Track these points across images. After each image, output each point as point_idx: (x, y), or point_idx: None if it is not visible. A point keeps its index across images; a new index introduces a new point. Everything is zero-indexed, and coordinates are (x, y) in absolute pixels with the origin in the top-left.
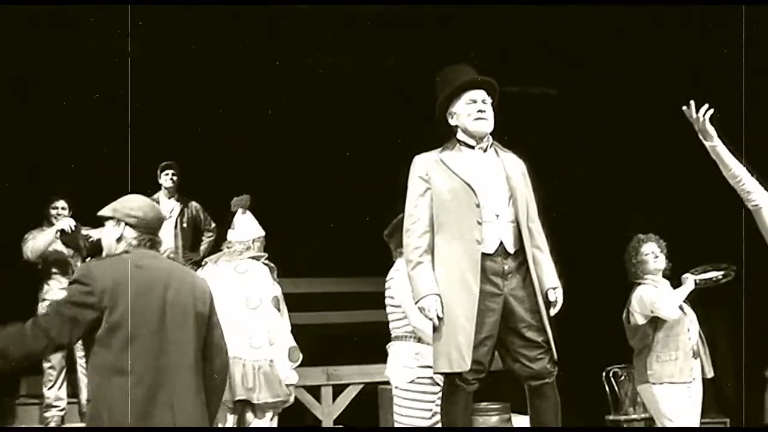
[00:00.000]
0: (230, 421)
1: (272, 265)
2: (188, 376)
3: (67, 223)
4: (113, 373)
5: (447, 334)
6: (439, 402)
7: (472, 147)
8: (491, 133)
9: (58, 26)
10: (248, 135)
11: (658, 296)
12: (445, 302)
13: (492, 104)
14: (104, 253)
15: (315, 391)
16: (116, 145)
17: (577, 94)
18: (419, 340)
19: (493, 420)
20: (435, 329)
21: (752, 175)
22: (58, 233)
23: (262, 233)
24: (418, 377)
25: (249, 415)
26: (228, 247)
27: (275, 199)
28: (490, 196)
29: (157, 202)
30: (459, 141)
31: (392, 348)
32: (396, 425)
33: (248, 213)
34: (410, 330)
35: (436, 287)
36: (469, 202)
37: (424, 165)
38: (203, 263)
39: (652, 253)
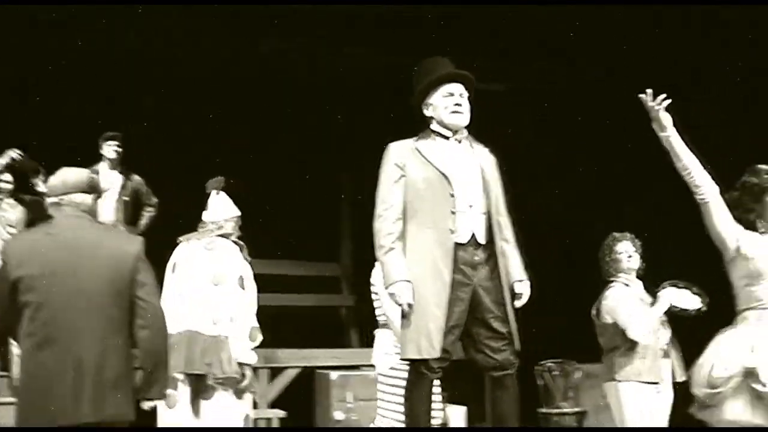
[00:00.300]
0: (186, 393)
1: (242, 243)
2: (100, 336)
3: (10, 154)
4: (25, 337)
5: (417, 321)
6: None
7: (447, 138)
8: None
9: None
10: (248, 134)
11: (632, 320)
12: (416, 289)
13: (468, 98)
14: None
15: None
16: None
17: (575, 94)
18: None
19: None
20: (404, 316)
21: (704, 168)
22: (5, 166)
23: (236, 213)
24: (397, 363)
25: (205, 391)
26: (202, 228)
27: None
28: (464, 186)
29: (97, 173)
30: (434, 132)
31: (377, 335)
32: (379, 411)
33: (222, 194)
34: None
35: (408, 274)
36: (444, 192)
37: (399, 152)
38: (177, 242)
39: (626, 252)
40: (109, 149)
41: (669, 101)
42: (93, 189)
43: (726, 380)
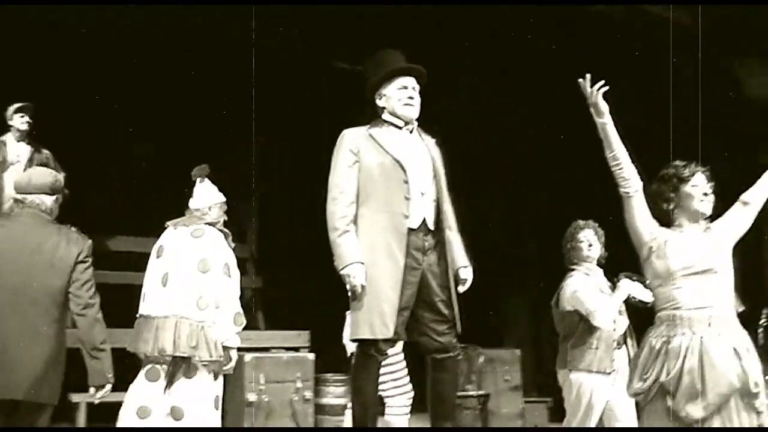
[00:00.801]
0: (162, 373)
1: (227, 231)
2: (32, 324)
3: None
4: None
5: (370, 302)
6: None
7: (399, 128)
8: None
9: None
10: (160, 113)
11: (597, 307)
12: (369, 271)
13: (420, 92)
14: None
15: None
16: None
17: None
18: None
19: (339, 391)
20: (357, 297)
21: (632, 163)
22: None
23: (220, 199)
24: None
25: (183, 371)
26: (188, 214)
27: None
28: (416, 174)
29: (4, 145)
30: (386, 121)
31: (348, 316)
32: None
33: (206, 181)
34: None
35: (361, 256)
36: (398, 178)
37: (353, 139)
38: (165, 226)
39: (587, 241)
40: (21, 120)
41: (606, 88)
42: (54, 191)
43: (646, 392)
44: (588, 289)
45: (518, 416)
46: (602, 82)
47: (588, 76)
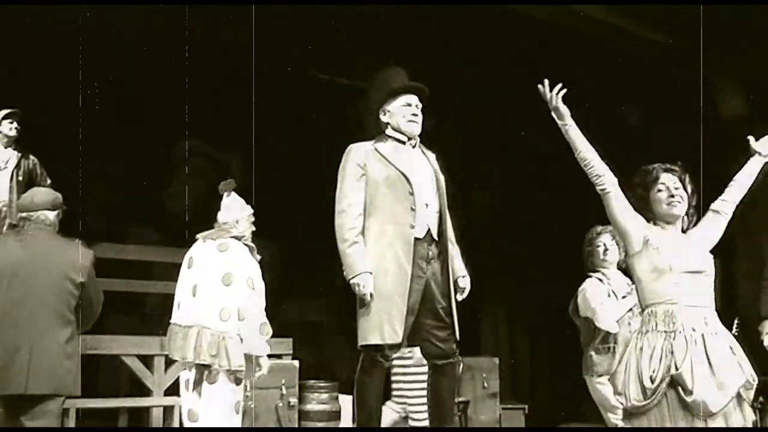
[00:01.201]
0: (191, 377)
1: (252, 245)
2: (47, 325)
3: None
4: None
5: (380, 309)
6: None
7: (403, 143)
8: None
9: None
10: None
11: (599, 309)
12: (377, 280)
13: (422, 109)
14: None
15: (148, 360)
16: None
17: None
18: None
19: (323, 397)
20: (365, 305)
21: (603, 160)
22: None
23: (247, 212)
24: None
25: (206, 377)
26: (217, 227)
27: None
28: (421, 186)
29: None
30: (390, 136)
31: None
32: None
33: (233, 194)
34: None
35: (370, 266)
36: (404, 190)
37: (360, 153)
38: (195, 238)
39: (603, 245)
40: (11, 126)
41: (565, 91)
42: (55, 207)
43: (654, 391)
44: (594, 293)
45: (496, 423)
46: (560, 86)
47: (546, 81)
